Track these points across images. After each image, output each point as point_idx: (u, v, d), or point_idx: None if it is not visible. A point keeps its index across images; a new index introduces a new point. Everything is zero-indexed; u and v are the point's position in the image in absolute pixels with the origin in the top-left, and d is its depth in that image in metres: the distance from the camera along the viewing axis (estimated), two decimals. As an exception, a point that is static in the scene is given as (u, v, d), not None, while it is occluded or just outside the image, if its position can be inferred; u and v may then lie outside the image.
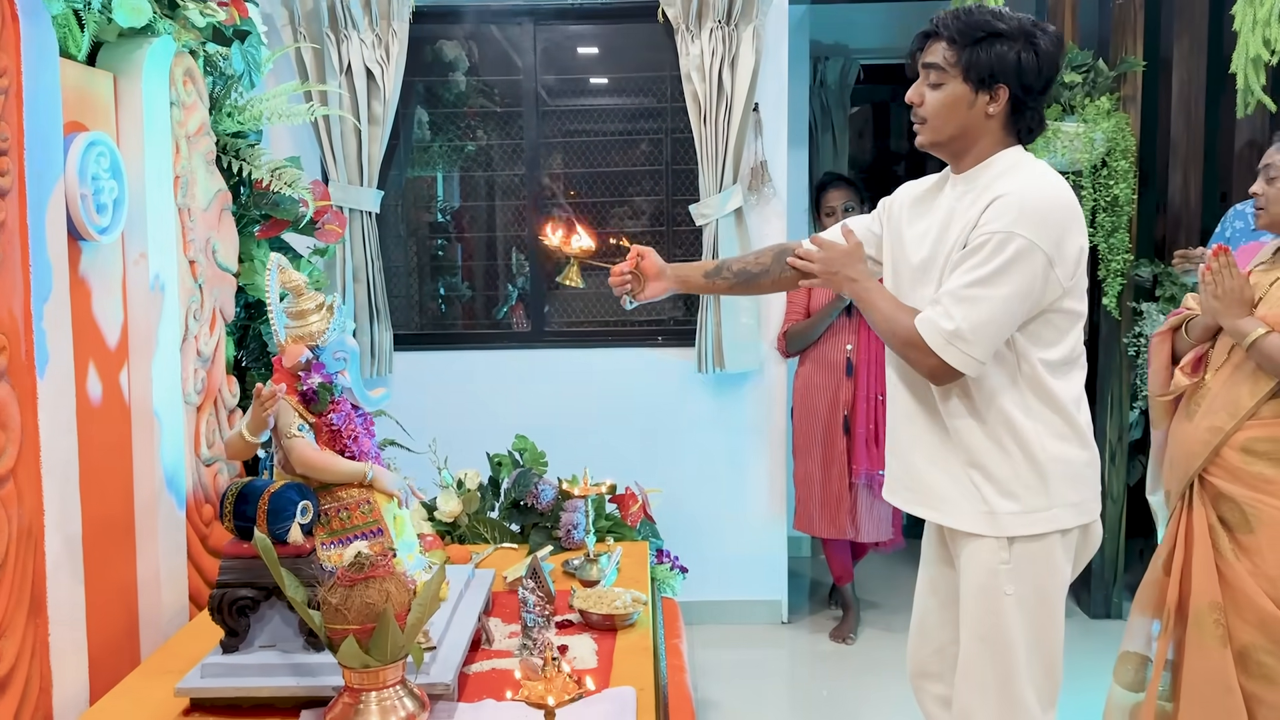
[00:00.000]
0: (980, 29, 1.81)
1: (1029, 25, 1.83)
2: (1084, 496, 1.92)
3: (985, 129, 1.86)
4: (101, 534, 2.03)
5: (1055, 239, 1.77)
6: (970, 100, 1.84)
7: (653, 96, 4.01)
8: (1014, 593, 1.88)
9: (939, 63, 1.85)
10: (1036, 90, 1.84)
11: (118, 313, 2.12)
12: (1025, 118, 1.86)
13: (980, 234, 1.78)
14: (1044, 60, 1.82)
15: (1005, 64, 1.80)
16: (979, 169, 1.88)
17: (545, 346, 3.97)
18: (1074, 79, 3.56)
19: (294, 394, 1.92)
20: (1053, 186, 1.82)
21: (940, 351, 1.80)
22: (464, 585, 2.17)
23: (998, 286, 1.76)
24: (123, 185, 2.06)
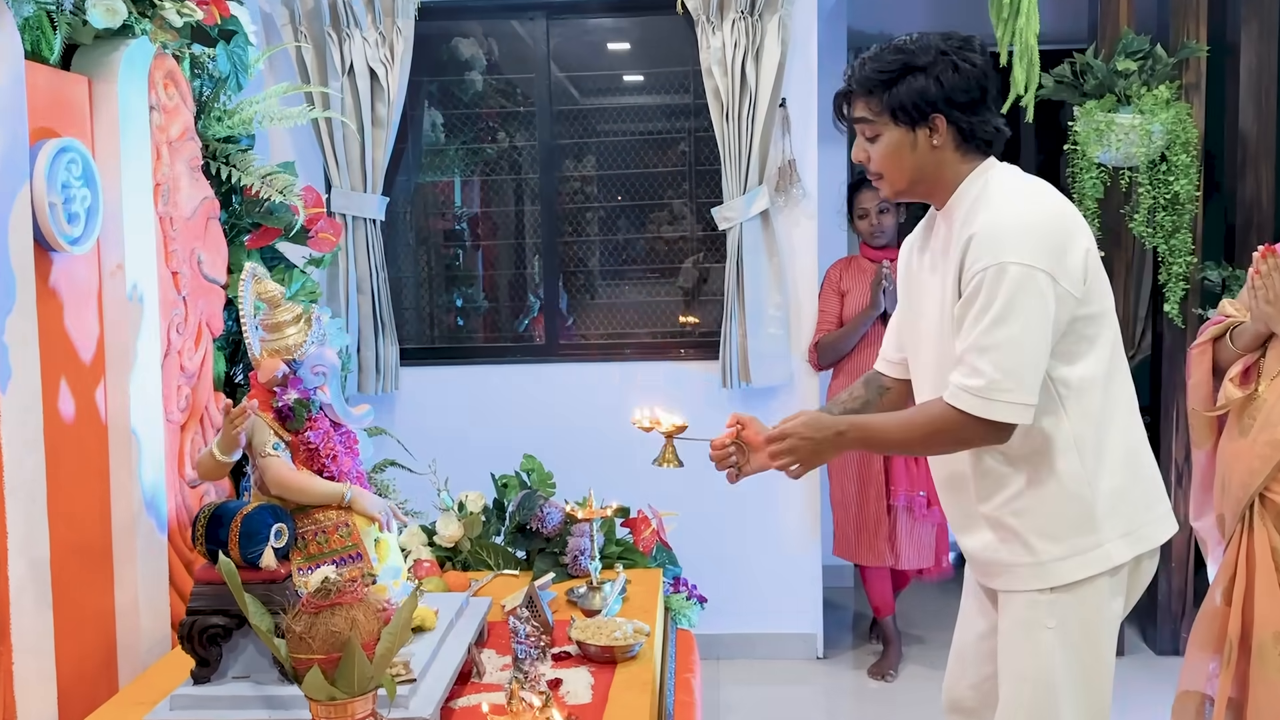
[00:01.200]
0: (889, 69, 1.82)
1: (939, 45, 1.83)
2: (1138, 524, 1.88)
3: (940, 161, 1.86)
4: (74, 558, 2.07)
5: (1049, 252, 1.75)
6: (911, 141, 1.85)
7: (673, 93, 4.03)
8: (1056, 628, 1.84)
9: (866, 115, 1.87)
10: (973, 105, 1.83)
11: (93, 326, 2.17)
12: (975, 135, 1.85)
13: (971, 276, 1.77)
14: (966, 74, 1.82)
15: (928, 94, 1.81)
16: (954, 200, 1.88)
17: (560, 361, 3.99)
18: (1129, 66, 3.51)
19: (269, 410, 1.95)
20: (1027, 199, 1.81)
21: (984, 413, 1.75)
22: (455, 614, 2.18)
23: (1012, 322, 1.73)
24: (96, 193, 2.11)
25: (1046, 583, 1.85)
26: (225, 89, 2.71)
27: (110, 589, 2.22)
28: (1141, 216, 3.59)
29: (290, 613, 1.61)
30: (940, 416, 1.81)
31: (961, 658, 2.12)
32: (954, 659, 2.14)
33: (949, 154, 1.86)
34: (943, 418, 1.80)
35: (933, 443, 1.88)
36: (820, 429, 1.88)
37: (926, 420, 1.84)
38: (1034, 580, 1.86)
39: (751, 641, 3.95)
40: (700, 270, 4.11)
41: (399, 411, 3.95)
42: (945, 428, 1.80)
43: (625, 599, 2.51)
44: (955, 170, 1.87)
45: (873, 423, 1.91)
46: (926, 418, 1.84)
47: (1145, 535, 1.88)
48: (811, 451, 1.90)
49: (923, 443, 1.89)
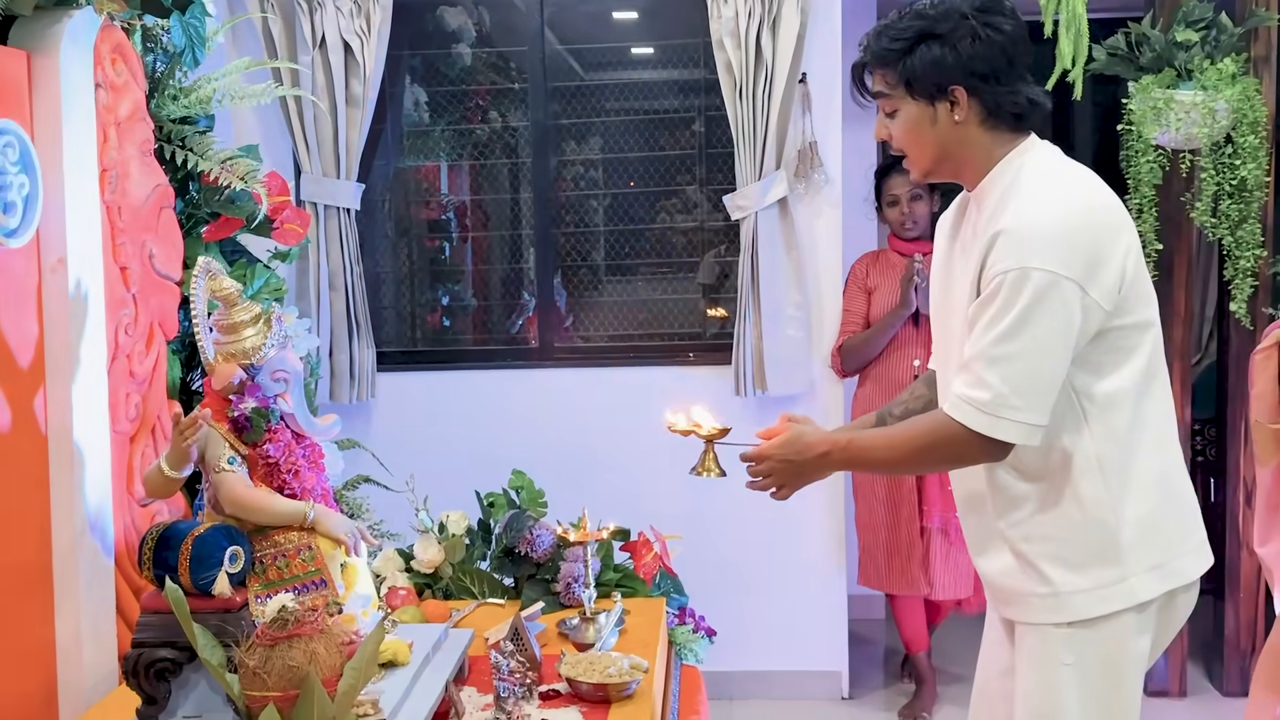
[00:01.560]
0: (903, 37, 1.83)
1: (960, 8, 1.81)
2: (1169, 556, 1.87)
3: (965, 138, 1.86)
4: (10, 584, 2.09)
5: (1081, 258, 1.74)
6: (931, 116, 1.85)
7: (683, 67, 4.04)
8: (1074, 664, 1.85)
9: (883, 90, 1.88)
10: (996, 76, 1.82)
11: (31, 327, 2.19)
12: (1002, 108, 1.84)
13: (991, 276, 1.76)
14: (989, 40, 1.80)
15: (944, 64, 1.81)
16: (986, 184, 1.88)
17: (554, 365, 4.00)
18: (1190, 37, 3.51)
19: (224, 421, 1.96)
20: (1064, 194, 1.80)
21: (987, 429, 1.76)
22: (432, 648, 2.20)
23: (1028, 333, 1.73)
24: (35, 180, 2.13)
25: (1064, 617, 1.85)
26: (180, 64, 2.73)
27: (50, 619, 2.23)
28: (1204, 205, 3.58)
29: (244, 645, 1.63)
30: (937, 429, 1.81)
31: (985, 694, 2.12)
32: (976, 697, 2.15)
33: (974, 129, 1.85)
34: (940, 430, 1.81)
35: (927, 459, 1.91)
36: (802, 449, 1.90)
37: (921, 433, 1.85)
38: (1050, 613, 1.87)
39: (768, 680, 3.95)
40: (721, 264, 4.12)
41: (375, 422, 3.97)
42: (942, 442, 1.81)
43: (623, 631, 2.52)
44: (985, 148, 1.86)
45: (861, 441, 1.92)
46: (921, 431, 1.85)
47: (1177, 569, 1.87)
48: (793, 474, 1.92)
49: (915, 459, 1.91)
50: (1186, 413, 3.78)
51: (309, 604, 1.76)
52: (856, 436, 1.94)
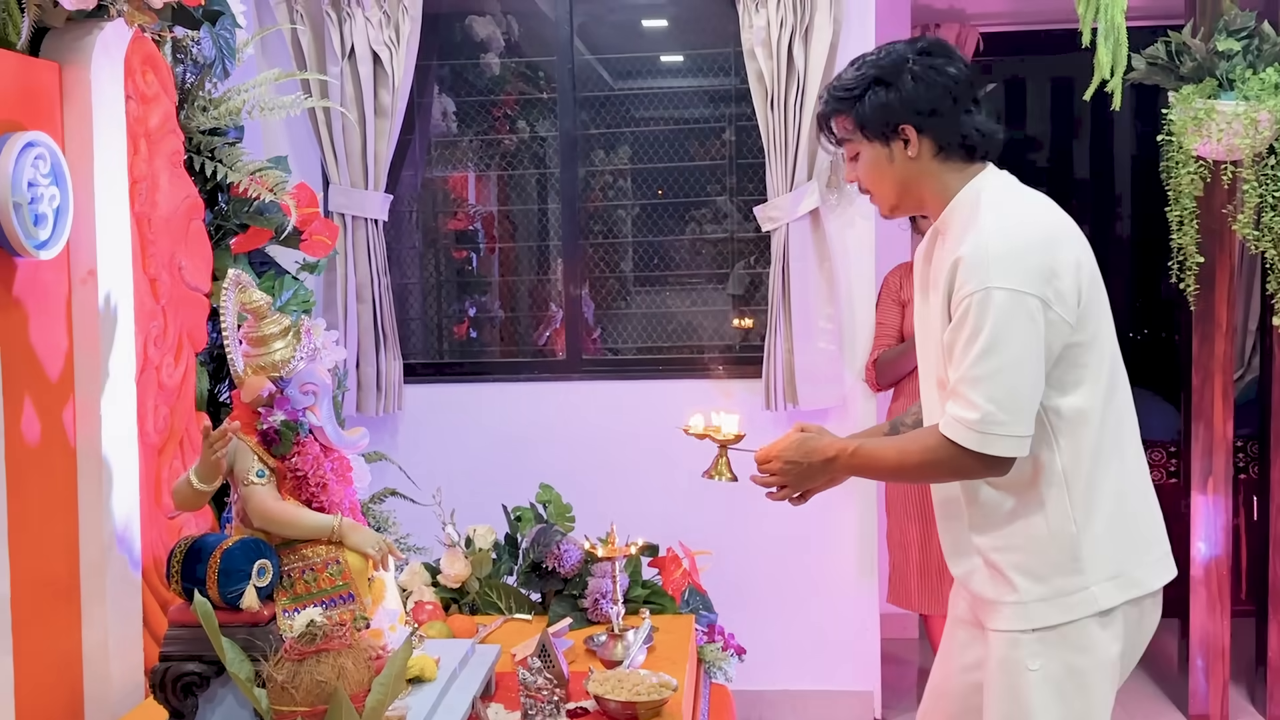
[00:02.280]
0: (855, 86, 2.01)
1: (899, 53, 2.00)
2: (1128, 566, 1.97)
3: (922, 172, 2.01)
4: (37, 596, 2.12)
5: (1038, 276, 1.86)
6: (888, 155, 2.02)
7: (714, 76, 4.05)
8: (1039, 670, 1.95)
9: (844, 136, 2.07)
10: (941, 110, 1.97)
11: (61, 339, 2.22)
12: (953, 142, 1.99)
13: (958, 301, 1.89)
14: (929, 81, 1.97)
15: (890, 106, 1.98)
16: (947, 214, 2.02)
17: (583, 378, 4.01)
18: (1231, 46, 3.49)
19: (253, 433, 1.98)
20: (1016, 218, 1.93)
21: (980, 446, 1.88)
22: (459, 663, 2.21)
23: (1002, 351, 1.85)
24: (66, 192, 2.16)
25: (1030, 624, 1.96)
26: (210, 76, 2.77)
27: (77, 631, 2.26)
28: (1247, 217, 3.56)
29: (272, 660, 1.64)
30: (936, 447, 1.93)
31: (937, 692, 2.23)
32: (929, 695, 2.26)
33: (929, 163, 2.01)
34: (938, 449, 1.93)
35: (929, 473, 2.02)
36: (809, 452, 2.03)
37: (922, 450, 1.96)
38: (1017, 620, 1.97)
39: (798, 700, 3.94)
40: (751, 275, 4.12)
41: (402, 435, 4.00)
42: (941, 459, 1.93)
43: (651, 648, 2.53)
44: (942, 180, 2.02)
45: (868, 448, 2.04)
46: (923, 447, 1.97)
47: (1136, 579, 1.98)
48: (800, 476, 2.05)
49: (919, 472, 2.04)
50: (1228, 429, 3.75)
51: (337, 618, 1.77)
52: (864, 444, 2.05)
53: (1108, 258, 6.58)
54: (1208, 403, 3.74)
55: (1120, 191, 6.70)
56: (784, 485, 2.06)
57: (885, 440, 2.09)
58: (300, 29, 3.77)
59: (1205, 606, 3.78)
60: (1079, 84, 3.59)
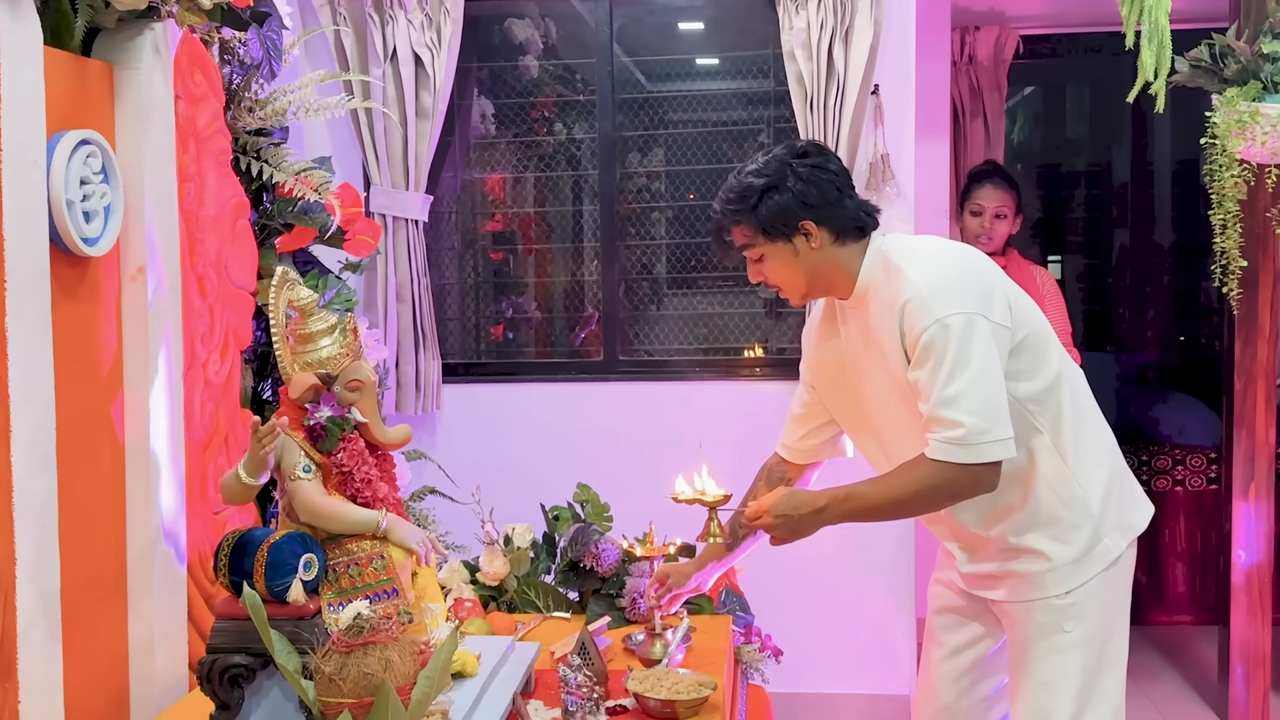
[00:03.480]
0: (748, 195, 2.18)
1: (781, 159, 2.18)
2: (1124, 512, 2.24)
3: (826, 259, 2.20)
4: (86, 589, 2.15)
5: (975, 296, 2.07)
6: (793, 250, 2.20)
7: (751, 79, 4.06)
8: (1073, 630, 2.18)
9: (746, 242, 2.23)
10: (831, 201, 2.17)
11: (111, 336, 2.25)
12: (847, 228, 2.18)
13: (914, 340, 2.07)
14: (814, 179, 2.16)
15: (786, 207, 2.16)
16: (860, 288, 2.20)
17: (620, 378, 4.02)
18: (1277, 49, 3.45)
19: (299, 429, 2.00)
20: (934, 258, 2.14)
21: (972, 458, 2.03)
22: (499, 660, 2.22)
23: (967, 369, 2.02)
24: (117, 191, 2.19)
25: (1064, 586, 2.19)
26: (257, 77, 2.80)
27: (124, 623, 2.29)
28: (1292, 220, 3.53)
29: (319, 652, 1.66)
30: (929, 474, 2.08)
31: (929, 683, 2.45)
32: (921, 688, 2.47)
33: (830, 249, 2.20)
34: (932, 474, 2.07)
35: (926, 500, 2.15)
36: (798, 505, 2.18)
37: (917, 479, 2.10)
38: (1053, 585, 2.19)
39: (835, 703, 3.93)
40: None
41: (440, 433, 4.02)
42: (937, 483, 2.08)
43: (689, 648, 2.53)
44: (844, 260, 2.21)
45: (857, 492, 2.17)
46: (916, 477, 2.10)
47: (1131, 522, 2.25)
48: (790, 528, 2.20)
49: (915, 502, 2.17)
50: (1270, 435, 3.71)
51: (382, 612, 1.78)
52: (855, 489, 2.18)
53: (1148, 262, 6.54)
54: (1250, 408, 3.71)
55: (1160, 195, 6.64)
56: (777, 536, 2.22)
57: (875, 481, 2.21)
58: (343, 31, 3.81)
59: (1246, 614, 3.74)
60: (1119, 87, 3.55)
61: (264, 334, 2.88)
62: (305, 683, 1.68)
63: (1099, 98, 6.79)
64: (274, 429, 1.94)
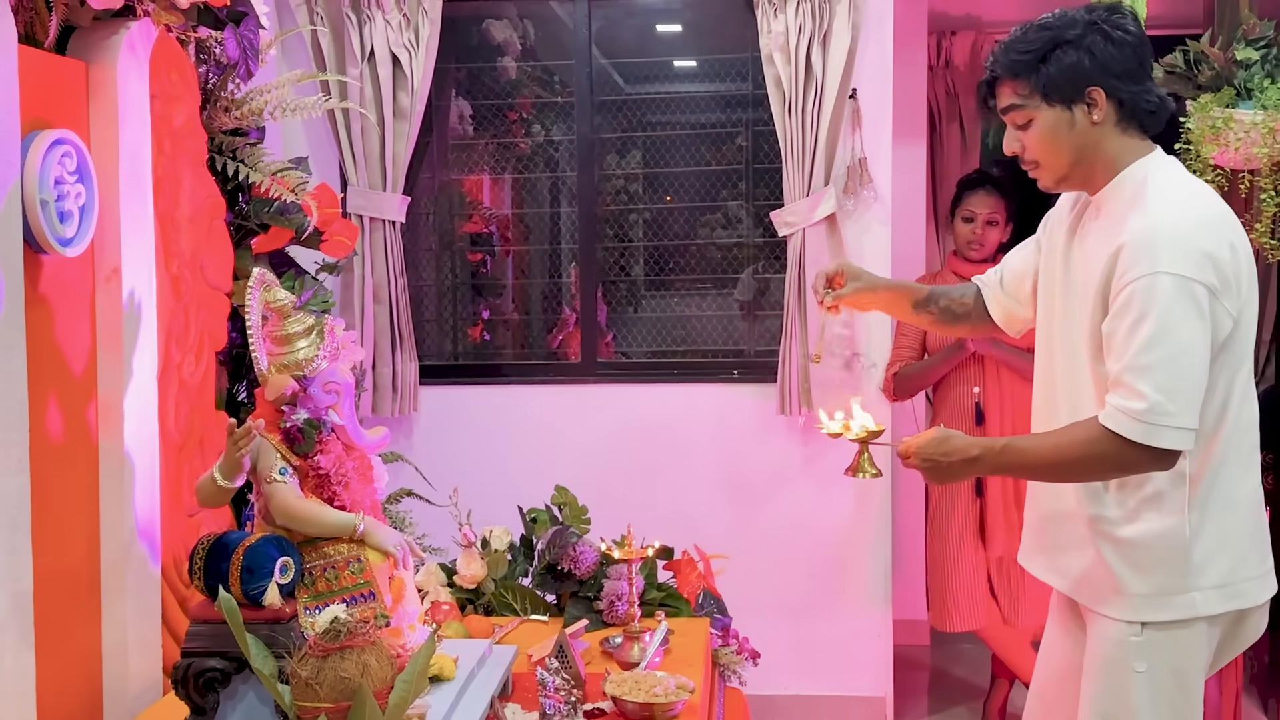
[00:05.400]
0: (1035, 47, 1.93)
1: (1086, 17, 1.92)
2: (1237, 578, 1.95)
3: (1100, 139, 1.95)
4: (59, 592, 2.13)
5: (1208, 264, 1.81)
6: (1069, 120, 1.94)
7: (730, 81, 4.06)
8: (1145, 671, 1.93)
9: (1016, 102, 1.97)
10: (1131, 75, 1.91)
11: (85, 336, 2.23)
12: (1138, 108, 1.93)
13: (1120, 288, 1.84)
14: (1121, 41, 1.90)
15: (1082, 68, 1.91)
16: (1109, 190, 1.97)
17: (597, 381, 4.02)
18: (1250, 56, 3.49)
19: (276, 431, 1.99)
20: (1187, 204, 1.89)
21: (1147, 439, 1.81)
22: (477, 663, 2.22)
23: (1170, 338, 1.79)
24: (91, 190, 2.17)
25: (1136, 616, 1.95)
26: (233, 76, 2.78)
27: (98, 627, 2.27)
28: (1264, 226, 3.55)
29: (296, 656, 1.65)
30: (1098, 439, 1.86)
31: (1043, 697, 2.21)
32: (1034, 698, 2.23)
33: (1109, 130, 1.94)
34: (1101, 441, 1.85)
35: (1090, 468, 1.92)
36: (949, 451, 1.96)
37: (1083, 443, 1.88)
38: (1124, 610, 1.96)
39: (811, 705, 3.93)
40: (759, 282, 4.13)
41: (417, 435, 4.01)
42: (1106, 452, 1.85)
43: (667, 651, 2.53)
44: (1116, 150, 1.95)
45: (1016, 445, 1.98)
46: (1083, 439, 1.88)
47: (1242, 591, 1.96)
48: (938, 473, 1.99)
49: (1077, 467, 1.93)
50: (1244, 438, 3.74)
51: (359, 616, 1.77)
52: (1013, 441, 1.99)
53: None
54: (1223, 411, 3.73)
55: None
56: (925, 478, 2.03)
57: (1037, 437, 2.02)
58: (320, 31, 3.79)
59: (1219, 616, 3.76)
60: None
61: (239, 335, 2.86)
62: (281, 687, 1.67)
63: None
64: (250, 431, 1.93)
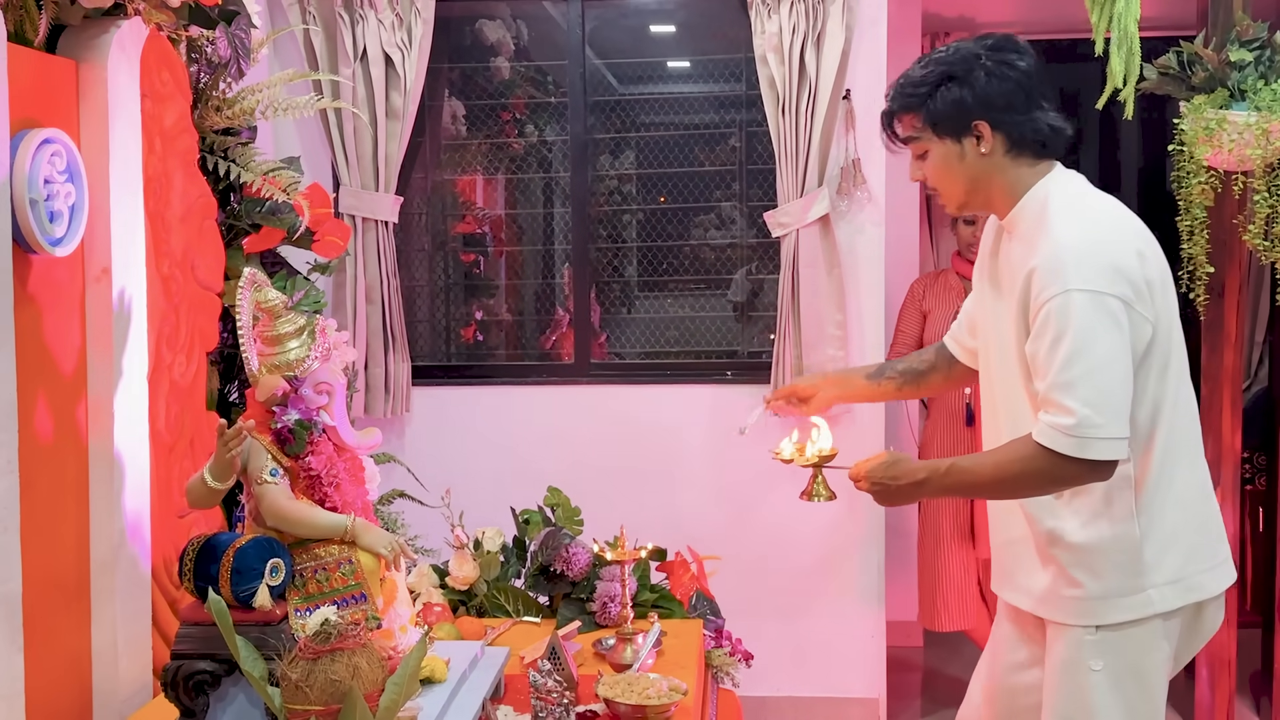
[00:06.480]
0: (925, 82, 2.01)
1: (971, 49, 2.00)
2: (1190, 571, 2.01)
3: (994, 169, 2.02)
4: (48, 594, 2.12)
5: (1116, 275, 1.87)
6: (959, 152, 2.02)
7: (723, 82, 4.06)
8: (1102, 669, 1.98)
9: (912, 135, 2.06)
10: (1017, 108, 1.98)
11: (75, 337, 2.22)
12: (1026, 137, 2.00)
13: (1036, 309, 1.90)
14: (1004, 76, 1.97)
15: (966, 103, 1.98)
16: (1016, 215, 2.03)
17: (591, 382, 4.01)
18: (1244, 57, 3.49)
19: (267, 432, 1.98)
20: (1088, 220, 1.95)
21: (1079, 451, 1.85)
22: (469, 665, 2.21)
23: (1090, 353, 1.85)
24: (81, 190, 2.16)
25: (1093, 619, 2.00)
26: (225, 75, 2.77)
27: (87, 629, 2.26)
28: (1257, 227, 3.56)
29: (286, 658, 1.64)
30: (1034, 456, 1.90)
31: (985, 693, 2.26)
32: (974, 696, 2.29)
33: (1000, 159, 2.01)
34: (1037, 458, 1.90)
35: (1029, 484, 1.97)
36: (898, 475, 2.04)
37: (1020, 459, 1.93)
38: (1080, 615, 2.01)
39: (804, 706, 3.93)
40: (753, 283, 4.13)
41: (409, 437, 4.00)
42: (1042, 468, 1.90)
43: (660, 653, 2.52)
44: (1012, 177, 2.02)
45: (960, 466, 2.05)
46: (1019, 457, 1.93)
47: (1198, 584, 2.01)
48: (887, 495, 2.06)
49: (1018, 484, 1.99)
50: (1236, 440, 3.75)
51: (349, 618, 1.77)
52: (957, 462, 2.06)
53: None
54: (1216, 413, 3.73)
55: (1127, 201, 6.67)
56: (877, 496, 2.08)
57: (979, 457, 2.08)
58: (313, 30, 3.78)
59: (1212, 617, 3.76)
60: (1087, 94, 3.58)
61: (231, 336, 2.85)
62: (271, 689, 1.66)
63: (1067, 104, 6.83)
64: (240, 432, 1.92)
